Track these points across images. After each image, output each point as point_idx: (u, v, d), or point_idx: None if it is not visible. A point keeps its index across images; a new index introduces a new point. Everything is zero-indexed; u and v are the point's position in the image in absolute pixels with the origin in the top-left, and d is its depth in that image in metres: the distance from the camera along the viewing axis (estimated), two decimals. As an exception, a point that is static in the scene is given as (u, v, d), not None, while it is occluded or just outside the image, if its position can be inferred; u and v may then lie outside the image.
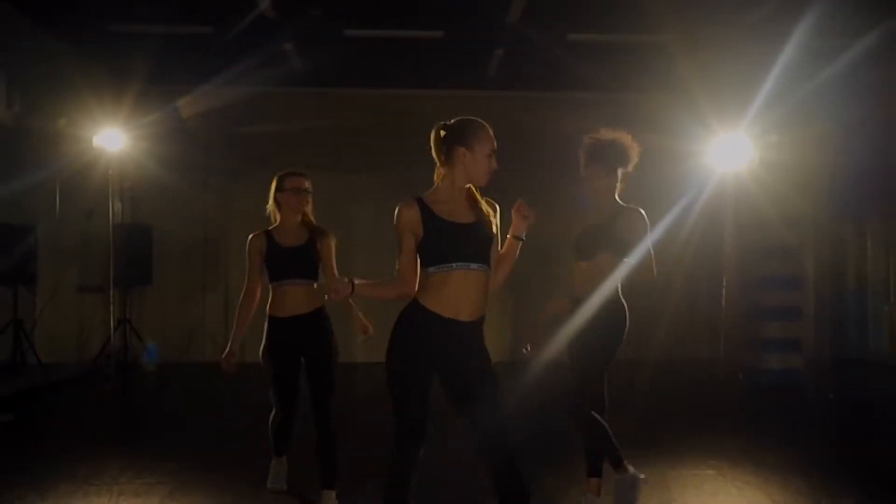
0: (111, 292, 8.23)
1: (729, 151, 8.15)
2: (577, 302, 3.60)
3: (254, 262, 3.96)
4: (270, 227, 4.02)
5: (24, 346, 7.96)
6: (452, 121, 2.92)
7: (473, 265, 2.84)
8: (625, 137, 3.73)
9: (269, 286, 3.97)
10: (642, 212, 3.64)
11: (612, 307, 3.57)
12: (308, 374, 3.95)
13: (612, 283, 3.58)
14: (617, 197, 3.74)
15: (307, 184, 3.99)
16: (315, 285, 3.93)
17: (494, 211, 2.96)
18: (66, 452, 5.03)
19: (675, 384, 7.93)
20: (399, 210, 2.87)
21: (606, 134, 3.73)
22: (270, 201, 4.01)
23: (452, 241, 2.83)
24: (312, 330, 3.93)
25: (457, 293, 2.81)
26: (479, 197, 2.94)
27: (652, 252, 3.58)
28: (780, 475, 4.52)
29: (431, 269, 2.84)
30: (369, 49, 8.62)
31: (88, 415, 6.72)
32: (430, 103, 8.98)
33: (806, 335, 9.68)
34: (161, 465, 4.73)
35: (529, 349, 3.68)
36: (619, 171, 3.73)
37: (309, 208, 4.03)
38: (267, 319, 3.95)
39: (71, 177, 8.21)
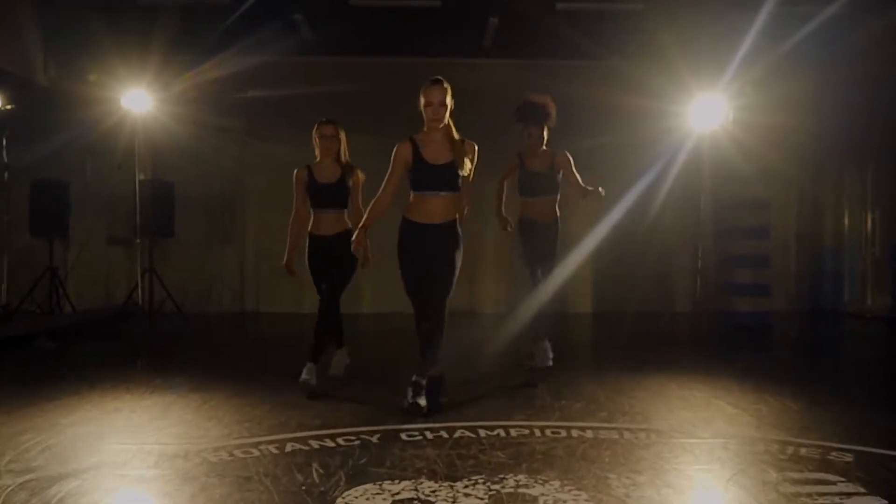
0: (138, 242, 8.85)
1: (705, 112, 8.63)
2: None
3: (298, 191, 4.83)
4: (312, 164, 4.84)
5: (59, 293, 8.61)
6: None
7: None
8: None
9: (311, 211, 4.83)
10: None
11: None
12: (329, 276, 4.78)
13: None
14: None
15: (329, 131, 4.83)
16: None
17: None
18: (100, 369, 5.66)
19: (654, 324, 8.49)
20: None
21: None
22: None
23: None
24: (338, 247, 4.69)
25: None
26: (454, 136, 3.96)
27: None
28: (719, 379, 5.20)
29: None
30: (372, 19, 8.97)
31: (117, 346, 7.39)
32: (429, 70, 9.41)
33: (786, 288, 10.24)
34: (183, 376, 5.34)
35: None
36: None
37: (342, 149, 4.83)
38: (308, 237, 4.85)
39: (101, 136, 8.63)
